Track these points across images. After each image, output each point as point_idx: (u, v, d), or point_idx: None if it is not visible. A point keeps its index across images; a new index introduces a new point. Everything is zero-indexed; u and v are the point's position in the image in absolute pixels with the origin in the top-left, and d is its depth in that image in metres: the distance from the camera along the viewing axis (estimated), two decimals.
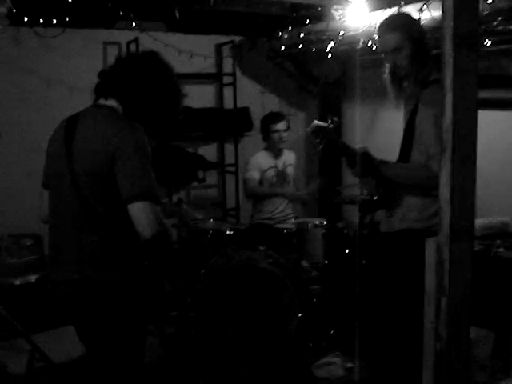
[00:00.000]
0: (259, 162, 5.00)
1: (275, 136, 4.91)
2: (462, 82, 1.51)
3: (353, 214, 5.36)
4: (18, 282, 4.34)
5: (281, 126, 4.92)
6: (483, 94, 4.07)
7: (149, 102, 2.28)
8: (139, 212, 2.05)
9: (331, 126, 2.77)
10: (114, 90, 2.27)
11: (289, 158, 5.16)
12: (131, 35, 5.31)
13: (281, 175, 5.05)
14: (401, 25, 2.82)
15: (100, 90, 2.32)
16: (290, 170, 5.12)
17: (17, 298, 4.24)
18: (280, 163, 5.07)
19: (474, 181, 1.56)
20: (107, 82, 2.30)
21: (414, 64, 2.75)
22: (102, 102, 2.29)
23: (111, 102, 2.26)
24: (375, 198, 3.01)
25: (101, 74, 2.34)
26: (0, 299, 4.27)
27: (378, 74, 5.35)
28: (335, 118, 2.74)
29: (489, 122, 4.17)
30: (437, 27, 3.50)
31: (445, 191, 1.54)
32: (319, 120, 2.88)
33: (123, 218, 2.10)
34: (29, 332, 2.90)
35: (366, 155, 2.76)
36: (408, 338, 2.53)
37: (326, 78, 5.72)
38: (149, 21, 5.42)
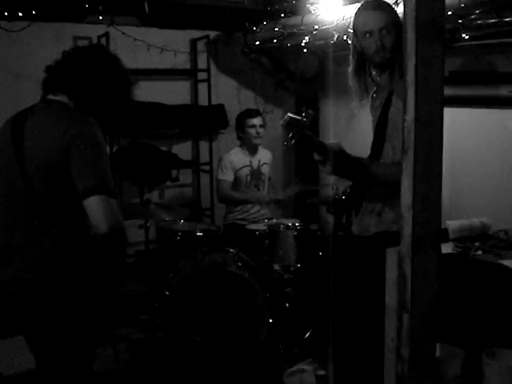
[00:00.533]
0: (232, 161, 4.85)
1: (251, 131, 4.79)
2: (426, 75, 1.36)
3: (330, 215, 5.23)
4: None
5: (257, 121, 4.81)
6: (469, 91, 3.99)
7: (99, 95, 2.25)
8: (95, 206, 2.00)
9: (305, 119, 2.61)
10: (63, 85, 2.23)
11: (264, 156, 5.02)
12: (102, 30, 5.16)
13: (256, 174, 4.90)
14: (386, 6, 2.66)
15: (48, 86, 2.27)
16: (265, 169, 4.97)
17: None
18: (255, 161, 4.92)
19: (439, 185, 1.41)
20: (55, 76, 2.26)
21: (398, 51, 2.59)
22: (51, 97, 2.24)
23: (61, 97, 2.22)
24: (343, 197, 2.85)
25: (48, 69, 2.28)
26: None
27: None
28: (310, 111, 2.57)
29: (465, 119, 4.05)
30: None
31: (406, 196, 1.39)
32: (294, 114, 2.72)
33: (76, 216, 2.09)
34: None
35: (341, 153, 2.61)
36: (375, 350, 2.39)
37: (302, 74, 5.57)
38: (120, 15, 5.28)
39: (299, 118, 2.59)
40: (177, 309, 3.72)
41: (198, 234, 4.20)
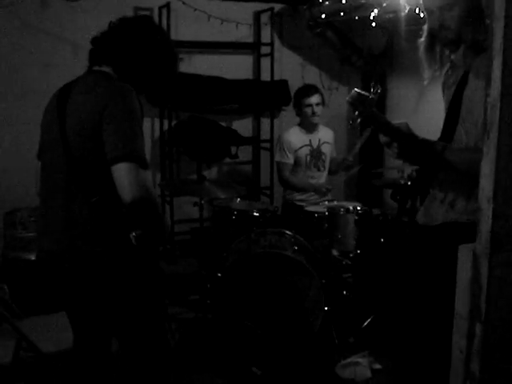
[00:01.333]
0: (291, 141, 4.64)
1: (307, 110, 4.57)
2: None
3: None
4: (33, 258, 4.11)
5: (314, 99, 4.56)
6: None
7: (142, 68, 2.23)
8: (122, 173, 1.94)
9: (373, 96, 2.39)
10: (108, 56, 2.21)
11: (325, 134, 4.79)
12: (163, 0, 5.03)
13: (316, 154, 4.69)
14: None
15: (94, 57, 2.26)
16: (325, 148, 4.75)
17: (30, 274, 4.03)
18: (315, 140, 4.70)
19: None
20: (101, 48, 2.24)
21: (466, 27, 2.32)
22: (96, 68, 2.22)
23: (105, 68, 2.20)
24: (409, 182, 2.62)
25: (94, 41, 2.26)
26: (11, 276, 4.12)
27: None
28: (378, 87, 2.36)
29: None
30: None
31: (486, 185, 1.17)
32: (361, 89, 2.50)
33: (113, 185, 1.99)
34: (22, 315, 2.68)
35: (409, 134, 2.37)
36: (440, 354, 2.17)
37: (370, 50, 5.28)
38: None
39: (367, 94, 2.37)
40: (228, 291, 3.59)
41: (255, 213, 4.03)
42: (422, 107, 5.07)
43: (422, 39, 2.48)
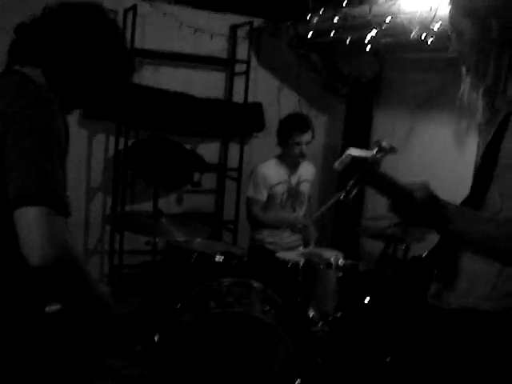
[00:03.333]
0: (267, 175, 4.02)
1: (295, 149, 3.93)
2: None
3: (373, 249, 4.42)
4: None
5: (305, 137, 3.92)
6: None
7: (85, 74, 1.63)
8: (30, 221, 1.34)
9: (378, 156, 1.78)
10: (34, 54, 1.59)
11: (306, 171, 4.19)
12: (129, 2, 4.42)
13: (293, 193, 4.10)
14: None
15: (15, 53, 1.63)
16: (305, 187, 4.16)
17: None
18: (294, 177, 4.10)
19: None
20: (27, 41, 1.60)
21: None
22: (16, 68, 1.59)
23: (28, 70, 1.57)
24: (423, 255, 2.02)
25: (18, 29, 1.62)
26: None
27: (422, 78, 4.42)
28: (384, 144, 1.75)
29: None
30: None
31: None
32: (356, 149, 1.84)
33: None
34: None
35: (432, 199, 1.79)
36: None
37: (358, 77, 4.74)
38: None
39: (368, 154, 1.76)
40: (182, 353, 2.94)
41: (217, 258, 3.42)
42: (411, 144, 4.54)
43: (467, 67, 1.90)
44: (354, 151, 1.75)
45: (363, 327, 3.23)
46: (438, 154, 4.27)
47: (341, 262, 3.28)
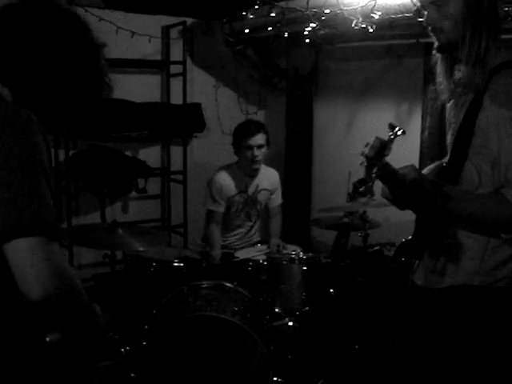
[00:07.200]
0: (224, 187, 3.90)
1: (247, 154, 3.82)
2: None
3: (325, 239, 4.45)
4: None
5: (255, 140, 3.80)
6: None
7: (50, 84, 1.46)
8: (24, 254, 1.22)
9: (393, 138, 1.75)
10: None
11: (265, 179, 4.04)
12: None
13: (250, 202, 4.00)
14: None
15: None
16: (262, 196, 4.04)
17: None
18: (252, 186, 3.99)
19: None
20: None
21: (466, 30, 1.81)
22: None
23: None
24: (409, 237, 2.05)
25: None
26: None
27: (360, 66, 4.46)
28: (397, 128, 1.72)
29: None
30: None
31: None
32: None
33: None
34: None
35: (421, 181, 1.81)
36: None
37: (297, 70, 4.74)
38: None
39: (390, 138, 1.74)
40: (156, 362, 2.87)
41: (176, 263, 3.37)
42: (353, 131, 4.59)
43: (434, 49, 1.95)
44: (381, 137, 1.71)
45: (331, 319, 3.25)
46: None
47: (302, 255, 3.28)
